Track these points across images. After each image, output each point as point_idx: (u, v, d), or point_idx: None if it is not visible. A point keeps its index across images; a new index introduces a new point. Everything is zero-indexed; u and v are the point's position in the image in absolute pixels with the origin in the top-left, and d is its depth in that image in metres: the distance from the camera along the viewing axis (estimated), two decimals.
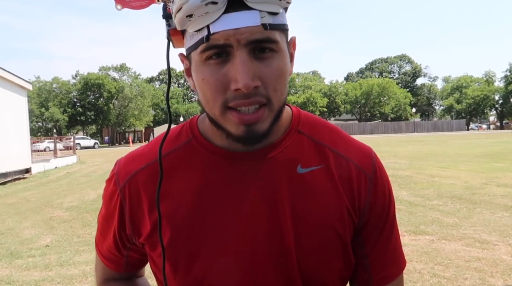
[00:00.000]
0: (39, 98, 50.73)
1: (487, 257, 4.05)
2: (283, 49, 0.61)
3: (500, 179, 8.67)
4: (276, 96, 0.61)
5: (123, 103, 52.94)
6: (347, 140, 0.73)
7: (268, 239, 0.66)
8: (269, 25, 0.57)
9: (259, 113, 0.60)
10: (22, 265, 4.49)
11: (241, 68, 0.57)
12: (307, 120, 0.74)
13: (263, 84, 0.59)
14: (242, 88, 0.57)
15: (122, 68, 57.83)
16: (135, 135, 61.83)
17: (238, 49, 0.57)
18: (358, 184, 0.69)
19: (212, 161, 0.69)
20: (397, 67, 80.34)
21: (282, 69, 0.61)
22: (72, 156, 19.65)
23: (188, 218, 0.68)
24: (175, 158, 0.71)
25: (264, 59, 0.59)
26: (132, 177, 0.71)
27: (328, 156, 0.70)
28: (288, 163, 0.68)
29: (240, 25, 0.56)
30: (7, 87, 13.24)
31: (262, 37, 0.57)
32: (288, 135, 0.70)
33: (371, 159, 0.72)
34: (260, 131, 0.61)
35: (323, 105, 60.63)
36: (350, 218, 0.69)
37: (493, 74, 69.40)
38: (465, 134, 37.27)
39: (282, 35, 0.61)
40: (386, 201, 0.72)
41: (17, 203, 8.77)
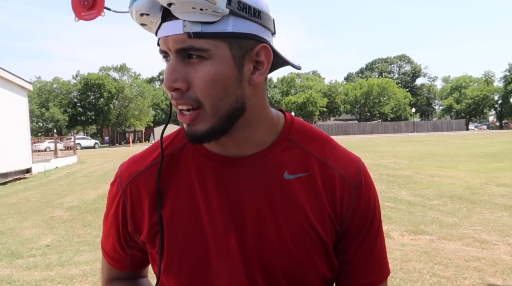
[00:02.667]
0: (40, 98, 50.73)
1: (487, 257, 4.06)
2: (218, 56, 0.62)
3: (499, 178, 8.68)
4: (209, 101, 0.63)
5: (123, 103, 52.94)
6: (336, 151, 0.76)
7: (255, 240, 0.70)
8: (194, 34, 0.61)
9: (192, 115, 0.64)
10: (22, 265, 4.50)
11: (167, 71, 0.64)
12: (299, 128, 0.77)
13: (192, 88, 0.63)
14: (164, 88, 0.64)
15: (123, 68, 57.83)
16: (135, 136, 61.82)
17: (171, 54, 0.64)
18: (341, 192, 0.72)
19: (205, 165, 0.73)
20: (397, 67, 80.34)
21: (214, 76, 0.62)
22: (73, 156, 19.65)
23: (183, 219, 0.71)
24: (171, 161, 0.75)
25: (192, 65, 0.63)
26: (134, 178, 0.76)
27: (314, 164, 0.73)
28: (276, 168, 0.72)
29: (167, 33, 0.62)
30: (7, 87, 13.25)
31: (184, 45, 0.62)
32: (278, 142, 0.73)
33: (357, 169, 0.75)
34: (198, 132, 0.65)
35: (323, 105, 60.60)
36: (331, 224, 0.71)
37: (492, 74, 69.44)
38: (464, 134, 37.26)
39: (219, 43, 0.62)
40: (370, 210, 0.74)
41: (18, 203, 8.77)
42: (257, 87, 0.69)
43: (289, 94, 66.70)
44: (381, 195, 7.53)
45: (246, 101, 0.67)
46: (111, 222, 0.80)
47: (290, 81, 70.18)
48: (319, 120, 64.01)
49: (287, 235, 0.69)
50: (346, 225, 0.73)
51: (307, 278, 0.71)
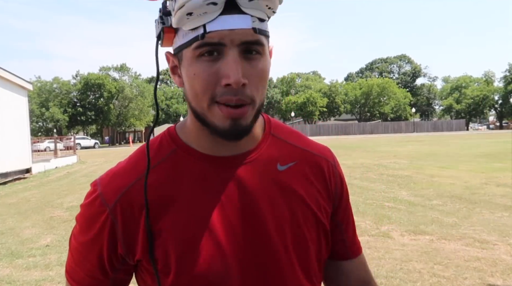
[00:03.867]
0: (40, 98, 50.73)
1: (487, 257, 4.06)
2: (267, 53, 0.67)
3: (500, 179, 8.68)
4: (258, 96, 0.66)
5: (123, 103, 52.95)
6: (309, 141, 0.85)
7: (270, 234, 0.71)
8: (258, 30, 0.63)
9: (244, 109, 0.64)
10: (22, 265, 4.50)
11: (234, 65, 0.62)
12: (276, 125, 0.82)
13: (249, 84, 0.64)
14: (233, 84, 0.61)
15: (123, 68, 57.80)
16: (135, 135, 61.82)
17: (231, 48, 0.62)
18: (328, 172, 0.80)
19: (199, 168, 0.71)
20: (397, 67, 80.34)
21: (265, 71, 0.66)
22: (73, 156, 19.65)
23: (187, 227, 0.68)
24: (162, 170, 0.71)
25: (251, 60, 0.64)
26: (123, 195, 0.69)
27: (299, 153, 0.79)
28: (270, 162, 0.76)
29: (234, 26, 0.61)
30: (7, 87, 13.25)
31: (252, 39, 0.63)
32: (265, 139, 0.78)
33: (330, 151, 0.85)
34: (244, 125, 0.66)
35: (323, 105, 60.61)
36: (325, 202, 0.78)
37: (492, 74, 69.43)
38: (464, 134, 37.26)
39: (266, 40, 0.66)
40: (345, 182, 0.86)
41: (18, 202, 8.77)
42: None
43: (289, 94, 66.66)
44: (381, 195, 7.54)
45: None
46: (89, 247, 0.72)
47: (290, 81, 70.15)
48: (319, 120, 64.03)
49: (296, 222, 0.73)
50: (337, 200, 0.81)
51: (314, 260, 0.76)
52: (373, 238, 4.89)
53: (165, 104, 61.95)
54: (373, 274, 0.90)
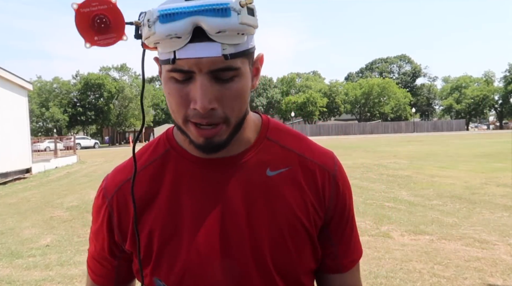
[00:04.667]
0: (40, 98, 50.75)
1: (487, 257, 4.06)
2: (244, 72, 0.66)
3: (500, 179, 8.68)
4: (233, 114, 0.67)
5: (123, 103, 52.97)
6: (311, 145, 0.81)
7: (249, 237, 0.72)
8: (230, 55, 0.62)
9: (217, 129, 0.66)
10: (22, 265, 4.50)
11: (200, 92, 0.63)
12: (275, 127, 0.81)
13: (221, 106, 0.65)
14: (199, 109, 0.63)
15: (123, 68, 57.84)
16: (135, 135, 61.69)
17: (200, 75, 0.63)
18: (322, 182, 0.77)
19: (189, 168, 0.75)
20: (397, 67, 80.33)
21: (241, 91, 0.66)
22: (72, 156, 19.65)
23: (166, 223, 0.73)
24: (155, 168, 0.77)
25: (224, 83, 0.64)
26: (119, 189, 0.77)
27: (294, 158, 0.77)
28: (259, 166, 0.75)
29: (202, 55, 0.61)
30: (7, 87, 13.25)
31: (222, 66, 0.63)
32: (258, 142, 0.77)
33: (333, 160, 0.81)
34: (217, 142, 0.68)
35: (323, 105, 60.60)
36: (316, 213, 0.76)
37: (492, 74, 69.45)
38: (464, 134, 37.26)
39: (244, 59, 0.66)
40: (347, 196, 0.81)
41: (18, 202, 8.77)
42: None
43: (289, 94, 66.67)
44: (381, 195, 7.54)
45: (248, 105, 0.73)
46: (97, 236, 0.81)
47: (290, 81, 70.15)
48: (319, 121, 64.02)
49: (276, 229, 0.73)
50: (330, 212, 0.78)
51: (296, 269, 0.74)
52: (373, 238, 4.89)
53: (165, 104, 61.80)
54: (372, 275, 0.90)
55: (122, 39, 0.64)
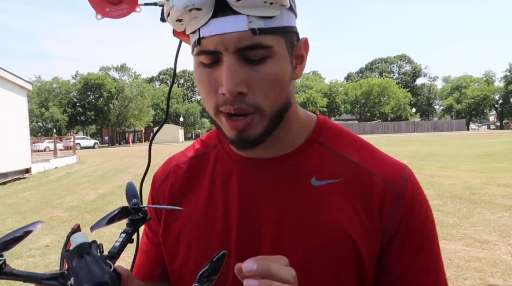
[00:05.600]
0: (39, 98, 50.76)
1: (487, 257, 4.05)
2: (279, 53, 0.58)
3: (500, 179, 8.68)
4: (267, 102, 0.59)
5: (123, 103, 52.98)
6: (375, 155, 0.69)
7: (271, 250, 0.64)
8: (259, 30, 0.55)
9: (247, 120, 0.59)
10: (22, 265, 4.50)
11: (226, 74, 0.56)
12: (331, 131, 0.70)
13: (251, 91, 0.58)
14: (226, 93, 0.57)
15: (122, 68, 57.89)
16: (135, 135, 61.85)
17: (226, 55, 0.56)
18: (381, 200, 0.63)
19: (228, 167, 0.70)
20: (397, 67, 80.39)
21: (275, 75, 0.58)
22: (72, 156, 19.64)
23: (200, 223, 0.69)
24: (202, 161, 0.74)
25: (254, 65, 0.57)
26: (166, 176, 0.77)
27: (349, 168, 0.66)
28: (303, 173, 0.66)
29: (226, 30, 0.55)
30: (7, 87, 13.24)
31: (250, 43, 0.55)
32: (306, 145, 0.68)
33: (403, 175, 0.66)
34: (250, 137, 0.60)
35: (323, 105, 60.64)
36: (369, 235, 0.63)
37: (493, 74, 69.46)
38: (465, 134, 37.26)
39: (279, 38, 0.58)
40: (419, 224, 0.65)
41: (17, 203, 8.76)
42: (293, 81, 0.65)
43: None
44: None
45: (290, 97, 0.64)
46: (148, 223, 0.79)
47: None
48: None
49: (308, 245, 0.62)
50: (386, 238, 0.64)
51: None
52: None
53: (165, 104, 61.71)
54: None
55: (135, 10, 0.60)
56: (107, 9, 0.60)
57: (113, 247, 0.56)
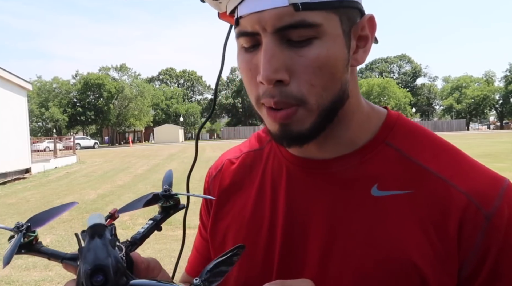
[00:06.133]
0: (39, 98, 50.76)
1: None
2: (330, 33, 0.48)
3: None
4: (313, 93, 0.50)
5: (123, 103, 52.98)
6: (461, 162, 0.55)
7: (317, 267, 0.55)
8: (303, 5, 0.46)
9: (287, 112, 0.50)
10: (22, 265, 4.49)
11: (263, 59, 0.49)
12: (405, 130, 0.58)
13: (294, 79, 0.49)
14: (263, 81, 0.49)
15: (122, 68, 57.90)
16: (135, 135, 61.86)
17: (265, 36, 0.49)
18: (462, 221, 0.50)
19: (280, 165, 0.63)
20: (397, 67, 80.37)
21: (324, 60, 0.48)
22: (72, 156, 19.64)
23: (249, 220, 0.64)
24: (255, 157, 0.69)
25: (298, 48, 0.48)
26: (218, 170, 0.73)
27: (423, 178, 0.53)
28: (362, 181, 0.55)
29: (264, 7, 0.47)
30: (6, 87, 13.24)
31: (291, 21, 0.47)
32: (371, 147, 0.57)
33: (496, 190, 0.51)
34: (294, 132, 0.52)
35: None
36: (439, 264, 0.50)
37: (493, 74, 69.50)
38: (465, 134, 37.26)
39: (331, 15, 0.48)
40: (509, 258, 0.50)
41: (17, 203, 8.76)
42: (354, 68, 0.55)
43: None
44: None
45: (348, 87, 0.54)
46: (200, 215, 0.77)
47: None
48: None
49: (360, 268, 0.52)
50: (467, 270, 0.50)
51: None
52: None
53: (165, 104, 61.97)
54: None
55: None
56: None
57: (137, 233, 0.55)
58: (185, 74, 73.03)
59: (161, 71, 72.88)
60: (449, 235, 0.50)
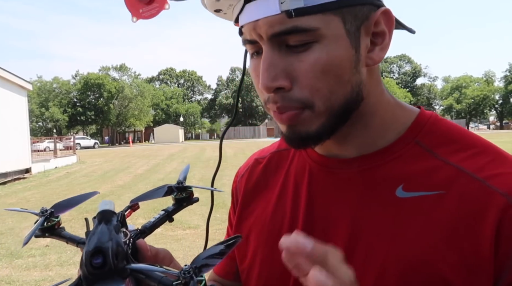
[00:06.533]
0: (39, 98, 50.79)
1: None
2: (330, 36, 0.47)
3: None
4: (319, 97, 0.49)
5: (123, 103, 53.00)
6: (501, 161, 0.51)
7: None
8: (296, 11, 0.45)
9: (293, 114, 0.50)
10: (22, 265, 4.50)
11: (262, 68, 0.49)
12: (438, 130, 0.55)
13: (296, 84, 0.49)
14: (262, 91, 0.50)
15: (122, 68, 57.94)
16: (135, 135, 61.87)
17: (263, 44, 0.49)
18: (499, 224, 0.46)
19: (306, 165, 0.62)
20: (397, 67, 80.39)
21: (325, 63, 0.47)
22: (72, 156, 19.64)
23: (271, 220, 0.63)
24: (281, 157, 0.68)
25: (298, 54, 0.48)
26: (246, 170, 0.72)
27: (456, 179, 0.49)
28: (387, 180, 0.53)
29: (258, 16, 0.47)
30: (7, 87, 13.24)
31: (283, 28, 0.47)
32: (397, 146, 0.54)
33: None
34: (303, 133, 0.51)
35: None
36: (471, 274, 0.46)
37: (492, 74, 69.53)
38: None
39: (330, 17, 0.47)
40: None
41: (17, 203, 8.76)
42: (373, 67, 0.53)
43: None
44: None
45: (363, 88, 0.52)
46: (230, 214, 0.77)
47: None
48: None
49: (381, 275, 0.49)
50: (506, 277, 0.45)
51: None
52: None
53: (165, 104, 62.00)
54: None
55: (164, 8, 0.61)
56: (141, 11, 0.61)
57: (148, 222, 0.57)
58: (185, 74, 73.04)
59: (161, 71, 72.89)
60: (484, 239, 0.46)
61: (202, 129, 66.99)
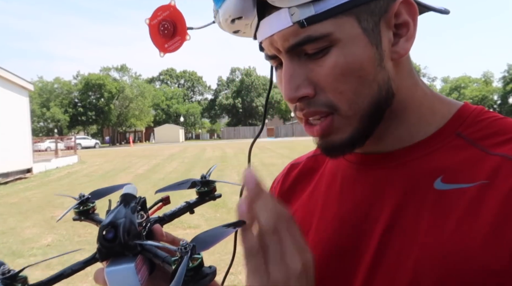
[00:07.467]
0: (41, 98, 50.80)
1: None
2: (346, 37, 0.47)
3: None
4: (343, 100, 0.49)
5: (123, 103, 53.01)
6: None
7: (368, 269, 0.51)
8: (307, 20, 0.45)
9: (324, 125, 0.50)
10: (23, 264, 4.49)
11: (283, 80, 0.50)
12: (481, 120, 0.52)
13: (320, 90, 0.49)
14: (287, 102, 0.52)
15: (123, 68, 57.97)
16: (136, 135, 61.86)
17: (282, 57, 0.50)
18: None
19: (339, 164, 0.61)
20: None
21: (343, 65, 0.47)
22: (73, 156, 19.67)
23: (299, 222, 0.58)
24: (317, 161, 0.67)
25: (317, 60, 0.48)
26: (282, 175, 0.72)
27: (500, 167, 0.47)
28: (426, 173, 0.50)
29: (272, 31, 0.48)
30: (8, 87, 13.28)
31: (298, 40, 0.47)
32: (437, 138, 0.53)
33: None
34: (336, 143, 0.51)
35: None
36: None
37: (491, 75, 69.43)
38: None
39: (342, 19, 0.46)
40: None
41: (19, 202, 8.80)
42: (401, 60, 0.52)
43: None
44: None
45: (392, 84, 0.50)
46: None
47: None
48: None
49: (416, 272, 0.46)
50: None
51: None
52: None
53: (166, 104, 62.00)
54: None
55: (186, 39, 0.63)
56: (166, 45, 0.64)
57: (169, 210, 0.61)
58: (185, 74, 72.99)
59: (161, 72, 72.84)
60: None
61: (202, 130, 67.01)
